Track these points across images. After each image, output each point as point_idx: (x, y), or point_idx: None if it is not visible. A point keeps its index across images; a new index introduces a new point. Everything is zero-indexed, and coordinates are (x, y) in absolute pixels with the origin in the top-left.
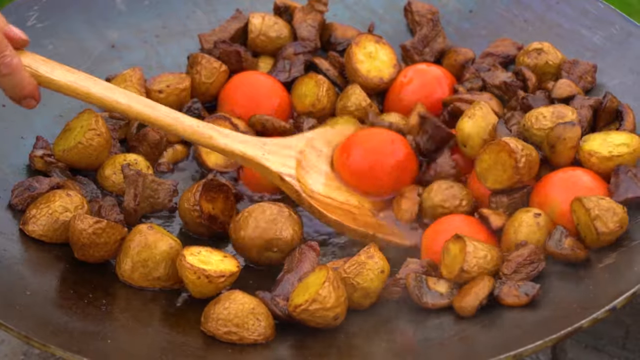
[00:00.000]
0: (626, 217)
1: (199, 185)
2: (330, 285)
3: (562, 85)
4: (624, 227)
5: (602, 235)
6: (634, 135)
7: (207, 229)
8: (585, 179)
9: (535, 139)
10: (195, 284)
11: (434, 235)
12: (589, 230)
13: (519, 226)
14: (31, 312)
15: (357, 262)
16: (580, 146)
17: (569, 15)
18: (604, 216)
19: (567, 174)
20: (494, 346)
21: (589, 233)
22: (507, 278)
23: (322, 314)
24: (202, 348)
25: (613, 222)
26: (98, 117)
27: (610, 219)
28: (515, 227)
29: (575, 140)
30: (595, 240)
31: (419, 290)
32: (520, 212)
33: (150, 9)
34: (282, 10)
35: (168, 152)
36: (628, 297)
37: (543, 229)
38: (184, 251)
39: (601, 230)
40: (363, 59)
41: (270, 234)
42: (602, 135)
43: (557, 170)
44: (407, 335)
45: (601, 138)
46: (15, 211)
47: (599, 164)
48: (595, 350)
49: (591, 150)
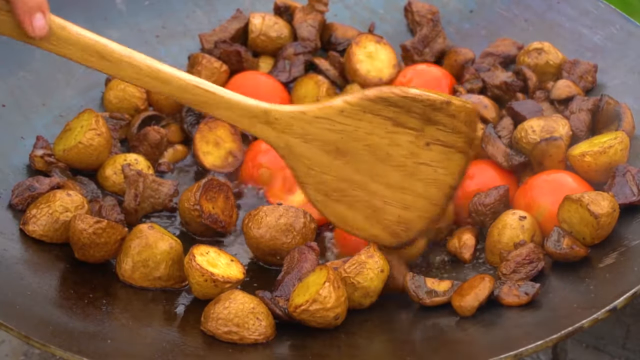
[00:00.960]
0: (615, 201)
1: (199, 185)
2: (330, 286)
3: (560, 86)
4: (617, 210)
5: (600, 219)
6: (618, 132)
7: (207, 228)
8: (569, 180)
9: (525, 151)
10: (202, 286)
11: None
12: (586, 221)
13: (503, 228)
14: (31, 312)
15: (358, 261)
16: (570, 154)
17: (569, 15)
18: (595, 200)
19: (550, 177)
20: (494, 346)
21: (586, 225)
22: (507, 278)
23: (323, 314)
24: (202, 348)
25: (606, 203)
26: (98, 117)
27: (602, 201)
28: (500, 228)
29: (561, 154)
30: (594, 231)
31: (416, 287)
32: (506, 214)
33: (150, 9)
34: (282, 10)
35: (168, 152)
36: (628, 297)
37: (527, 231)
38: (193, 250)
39: (597, 212)
40: (363, 59)
41: (277, 244)
42: (587, 141)
43: (541, 172)
44: (407, 335)
45: (587, 142)
46: (16, 211)
47: (594, 162)
48: (595, 350)
49: (582, 152)
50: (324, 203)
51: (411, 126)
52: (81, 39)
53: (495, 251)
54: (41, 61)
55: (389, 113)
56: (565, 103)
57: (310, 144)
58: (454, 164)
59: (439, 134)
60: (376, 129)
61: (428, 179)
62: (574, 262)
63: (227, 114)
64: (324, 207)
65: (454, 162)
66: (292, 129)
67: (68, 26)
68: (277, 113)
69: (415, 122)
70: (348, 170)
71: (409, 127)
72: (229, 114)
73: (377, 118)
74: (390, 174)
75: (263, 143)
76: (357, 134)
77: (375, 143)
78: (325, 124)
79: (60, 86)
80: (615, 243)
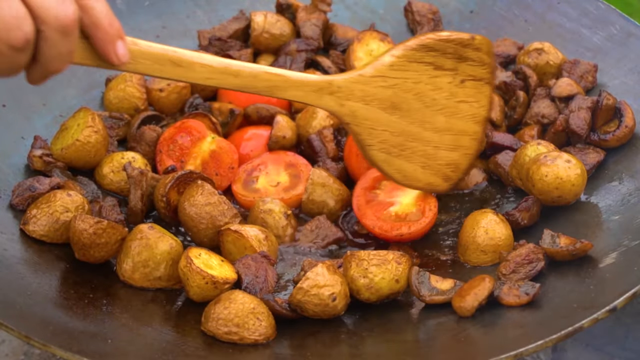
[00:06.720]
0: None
1: (173, 176)
2: (324, 267)
3: (562, 83)
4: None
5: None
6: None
7: (171, 219)
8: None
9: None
10: (202, 288)
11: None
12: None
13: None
14: (32, 312)
15: (384, 257)
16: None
17: (569, 15)
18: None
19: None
20: (494, 346)
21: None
22: (506, 278)
23: (317, 292)
24: (202, 348)
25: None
26: (94, 115)
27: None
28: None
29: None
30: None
31: (419, 283)
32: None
33: (150, 9)
34: (284, 8)
35: None
36: (628, 297)
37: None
38: (190, 254)
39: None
40: (362, 57)
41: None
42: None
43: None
44: (407, 335)
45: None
46: (16, 211)
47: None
48: (595, 350)
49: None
50: (387, 161)
51: (448, 67)
52: (152, 51)
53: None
54: None
55: (430, 58)
56: (566, 101)
57: (370, 105)
58: (484, 95)
59: (470, 69)
60: (421, 77)
61: (467, 115)
62: (573, 260)
63: (296, 94)
64: (387, 166)
65: (484, 94)
66: (353, 94)
67: (137, 41)
68: (339, 82)
69: (451, 62)
70: (403, 123)
71: (447, 69)
72: (298, 93)
73: (421, 65)
74: (436, 118)
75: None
76: (407, 85)
77: (421, 91)
78: (380, 82)
79: (61, 86)
80: (615, 243)
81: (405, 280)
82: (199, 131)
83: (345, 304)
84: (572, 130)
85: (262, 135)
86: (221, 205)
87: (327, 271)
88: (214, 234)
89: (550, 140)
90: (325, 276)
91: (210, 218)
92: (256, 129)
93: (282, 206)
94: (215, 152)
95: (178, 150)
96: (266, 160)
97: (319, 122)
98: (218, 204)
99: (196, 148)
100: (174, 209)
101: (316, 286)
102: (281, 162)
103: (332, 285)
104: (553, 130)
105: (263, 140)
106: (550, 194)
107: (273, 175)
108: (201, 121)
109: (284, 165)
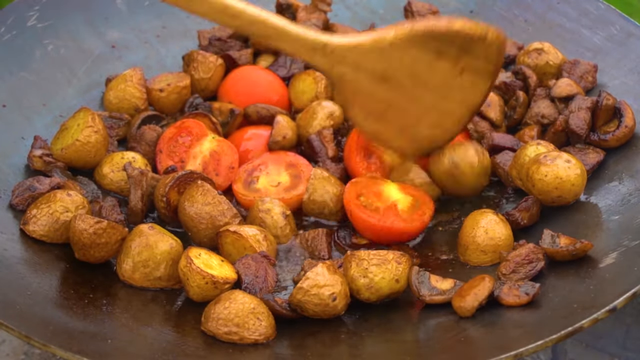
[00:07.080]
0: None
1: (173, 176)
2: (324, 267)
3: (562, 84)
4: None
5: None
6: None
7: (171, 219)
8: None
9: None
10: (202, 288)
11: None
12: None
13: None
14: (32, 312)
15: (383, 256)
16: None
17: (569, 16)
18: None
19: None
20: (494, 346)
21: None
22: (506, 278)
23: (317, 292)
24: (202, 348)
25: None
26: (94, 115)
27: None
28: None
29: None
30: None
31: (419, 283)
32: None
33: (150, 9)
34: (284, 7)
35: None
36: (628, 297)
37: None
38: (190, 254)
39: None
40: None
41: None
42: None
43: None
44: (407, 335)
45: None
46: (16, 211)
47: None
48: (595, 350)
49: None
50: (365, 121)
51: (451, 55)
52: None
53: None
54: (41, 61)
55: (434, 45)
56: (566, 101)
57: (360, 72)
58: (482, 86)
59: (473, 61)
60: (420, 59)
61: (458, 100)
62: (573, 260)
63: (289, 46)
64: (364, 124)
65: (482, 85)
66: (345, 60)
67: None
68: (334, 46)
69: (455, 51)
70: (389, 94)
71: (449, 57)
72: (291, 46)
73: (423, 49)
74: (425, 96)
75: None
76: (402, 63)
77: (416, 71)
78: (376, 56)
79: (61, 86)
80: (615, 243)
81: (405, 280)
82: (199, 131)
83: (345, 303)
84: (572, 131)
85: (262, 135)
86: (221, 205)
87: (327, 271)
88: (213, 234)
89: (550, 140)
90: (325, 276)
91: (210, 218)
92: (256, 129)
93: (281, 206)
94: (215, 152)
95: (178, 150)
96: (267, 160)
97: (319, 123)
98: (218, 204)
99: (196, 148)
100: (174, 209)
101: (316, 286)
102: (282, 162)
103: (332, 285)
104: (553, 131)
105: (263, 140)
106: (550, 194)
107: (274, 175)
108: (201, 121)
109: (284, 165)
